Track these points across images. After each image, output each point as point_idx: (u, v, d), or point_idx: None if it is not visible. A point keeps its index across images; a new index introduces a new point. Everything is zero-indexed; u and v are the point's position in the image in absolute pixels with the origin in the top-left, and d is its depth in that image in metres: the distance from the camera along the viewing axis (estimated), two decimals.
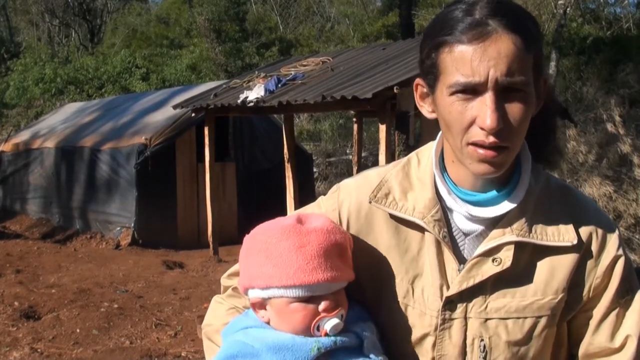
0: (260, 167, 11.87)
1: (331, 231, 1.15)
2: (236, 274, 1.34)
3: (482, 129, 1.05)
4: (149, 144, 10.20)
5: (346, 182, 1.32)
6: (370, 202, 1.23)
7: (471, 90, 1.05)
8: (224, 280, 1.38)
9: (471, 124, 1.06)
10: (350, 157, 14.58)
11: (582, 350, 1.22)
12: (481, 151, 1.07)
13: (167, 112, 10.78)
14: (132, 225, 10.14)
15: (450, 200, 1.19)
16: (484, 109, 1.04)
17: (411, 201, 1.21)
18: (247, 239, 1.20)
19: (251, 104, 8.08)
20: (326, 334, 1.12)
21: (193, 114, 9.58)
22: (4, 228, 11.84)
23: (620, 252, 1.20)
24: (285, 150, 8.93)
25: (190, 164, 10.99)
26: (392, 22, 23.24)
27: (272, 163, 11.55)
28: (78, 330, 5.68)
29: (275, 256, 1.13)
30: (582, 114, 15.80)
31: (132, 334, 5.64)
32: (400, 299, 1.21)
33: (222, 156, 11.17)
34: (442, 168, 1.22)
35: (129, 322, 5.96)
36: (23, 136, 13.96)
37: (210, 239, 9.40)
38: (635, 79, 16.29)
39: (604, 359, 1.20)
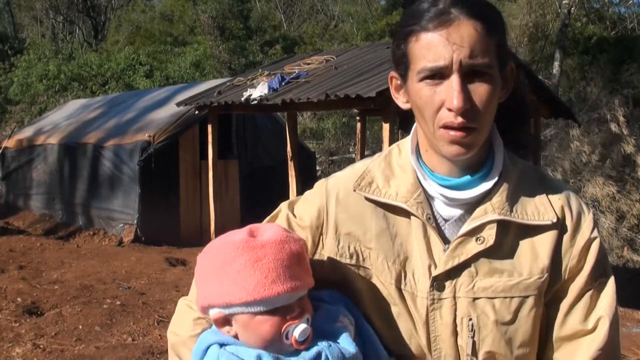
0: (263, 164, 11.88)
1: (285, 241, 1.15)
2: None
3: (450, 110, 1.11)
4: (152, 141, 10.21)
5: (334, 174, 1.36)
6: (354, 191, 1.26)
7: (438, 75, 1.11)
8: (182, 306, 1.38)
9: (440, 107, 1.12)
10: (353, 155, 14.59)
11: (554, 333, 1.23)
12: (452, 132, 1.12)
13: (170, 110, 10.79)
14: (135, 222, 10.16)
15: (427, 186, 1.23)
16: (450, 91, 1.10)
17: (394, 187, 1.25)
18: (201, 257, 1.20)
19: (255, 101, 8.08)
20: (296, 340, 1.11)
21: (196, 112, 9.58)
22: (7, 224, 11.86)
23: (595, 234, 1.23)
24: (288, 148, 8.94)
25: (193, 161, 11.00)
26: (396, 20, 23.21)
27: (275, 161, 11.56)
28: (80, 327, 5.69)
29: (233, 273, 1.11)
30: (586, 114, 15.77)
31: (134, 331, 5.64)
32: (392, 282, 1.23)
33: (225, 154, 11.17)
34: (418, 157, 1.27)
35: (131, 318, 5.97)
36: (26, 132, 13.98)
37: (212, 236, 9.40)
38: (639, 79, 16.24)
39: (576, 340, 1.21)
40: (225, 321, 1.16)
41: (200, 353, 1.17)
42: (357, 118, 9.90)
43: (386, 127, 6.80)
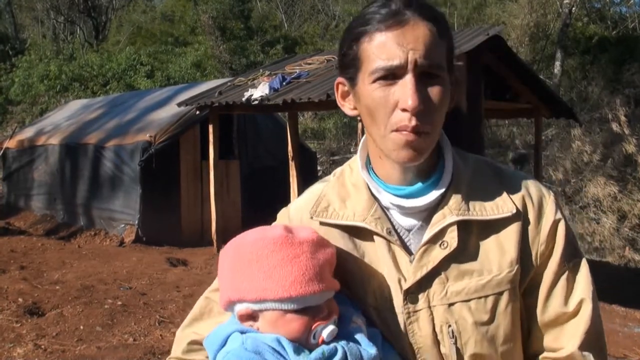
0: (264, 165, 11.88)
1: (320, 241, 1.15)
2: (194, 322, 1.33)
3: (404, 110, 1.09)
4: (153, 141, 10.21)
5: (294, 203, 1.34)
6: (312, 218, 1.25)
7: (392, 75, 1.10)
8: (180, 334, 1.35)
9: (394, 108, 1.11)
10: (355, 155, 14.58)
11: (537, 320, 1.22)
12: (404, 136, 1.11)
13: (171, 110, 10.79)
14: (136, 222, 10.16)
15: (382, 198, 1.22)
16: (405, 90, 1.09)
17: (350, 208, 1.23)
18: (230, 251, 1.17)
19: (256, 102, 8.09)
20: (323, 341, 1.11)
21: (197, 112, 9.58)
22: (8, 224, 11.86)
23: (559, 215, 1.22)
24: (289, 149, 8.93)
25: (194, 161, 11.00)
26: None
27: (276, 161, 11.56)
28: (82, 327, 5.69)
29: (269, 268, 1.10)
30: (587, 114, 15.78)
31: (135, 331, 5.64)
32: (369, 301, 1.22)
33: (226, 154, 11.18)
34: (370, 169, 1.25)
35: (132, 319, 5.97)
36: (27, 133, 13.98)
37: (213, 236, 9.42)
38: None
39: (560, 326, 1.21)
40: (250, 317, 1.15)
41: (220, 342, 1.16)
42: (358, 118, 9.89)
43: None
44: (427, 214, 1.21)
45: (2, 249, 9.31)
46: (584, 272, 1.22)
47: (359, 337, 1.14)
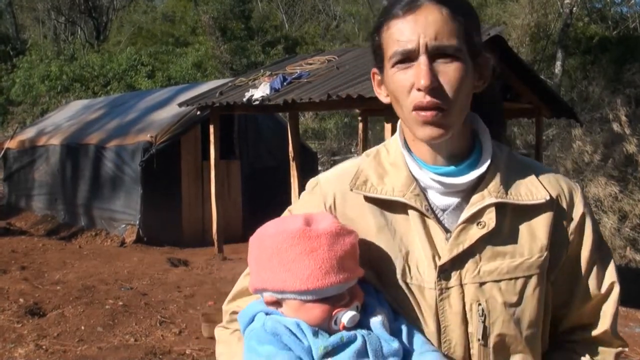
0: (265, 165, 11.89)
1: (339, 232, 1.17)
2: (236, 298, 1.39)
3: (419, 90, 1.15)
4: (154, 141, 10.22)
5: (324, 176, 1.39)
6: (351, 190, 1.28)
7: (408, 59, 1.16)
8: (225, 307, 1.42)
9: (411, 89, 1.17)
10: (355, 155, 14.59)
11: (572, 304, 1.30)
12: (422, 113, 1.16)
13: (172, 110, 10.80)
14: (137, 222, 10.16)
15: (422, 176, 1.26)
16: (418, 71, 1.15)
17: (389, 184, 1.27)
18: (256, 241, 1.22)
19: (256, 102, 8.08)
20: (344, 326, 1.14)
21: (198, 112, 9.58)
22: (9, 225, 11.87)
23: (587, 207, 1.30)
24: (290, 149, 8.93)
25: (195, 161, 11.01)
26: None
27: (277, 161, 11.56)
28: (83, 327, 5.69)
29: (288, 262, 1.14)
30: (588, 114, 15.76)
31: (136, 332, 5.65)
32: (398, 277, 1.23)
33: (227, 154, 11.18)
34: (408, 150, 1.30)
35: (133, 319, 5.98)
36: (28, 133, 14.00)
37: (215, 236, 9.41)
38: None
39: (595, 307, 1.30)
40: (275, 303, 1.19)
41: (248, 319, 1.22)
42: (359, 118, 9.89)
43: (388, 127, 6.79)
44: (464, 194, 1.24)
45: (3, 249, 9.32)
46: (611, 257, 1.32)
47: (381, 329, 1.16)
